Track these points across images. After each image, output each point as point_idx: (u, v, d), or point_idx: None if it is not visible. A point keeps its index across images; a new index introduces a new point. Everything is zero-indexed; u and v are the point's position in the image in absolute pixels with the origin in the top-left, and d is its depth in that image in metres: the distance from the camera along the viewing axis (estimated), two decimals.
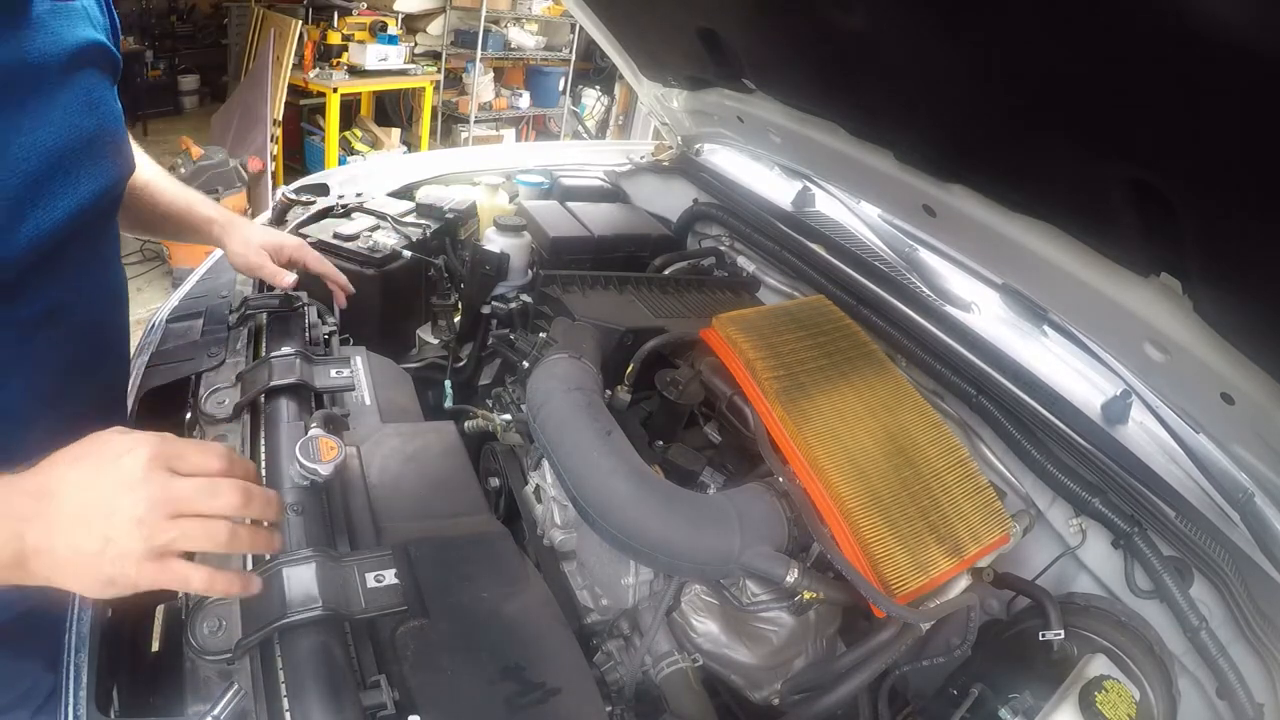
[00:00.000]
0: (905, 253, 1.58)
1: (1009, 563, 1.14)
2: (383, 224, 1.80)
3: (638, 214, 1.98)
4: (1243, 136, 0.61)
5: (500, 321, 1.50)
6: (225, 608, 0.78)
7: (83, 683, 0.76)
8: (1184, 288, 0.85)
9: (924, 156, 1.12)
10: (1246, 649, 0.98)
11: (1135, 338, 0.97)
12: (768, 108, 1.47)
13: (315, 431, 0.95)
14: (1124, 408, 1.18)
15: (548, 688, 0.82)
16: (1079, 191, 0.89)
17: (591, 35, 1.79)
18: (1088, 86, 0.73)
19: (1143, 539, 1.05)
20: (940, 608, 0.94)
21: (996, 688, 0.97)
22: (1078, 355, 1.29)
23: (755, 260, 1.77)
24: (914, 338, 1.36)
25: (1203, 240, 0.76)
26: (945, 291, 1.47)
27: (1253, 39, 0.53)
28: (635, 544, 0.91)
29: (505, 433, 1.32)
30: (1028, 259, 1.06)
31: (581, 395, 1.03)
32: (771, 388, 1.05)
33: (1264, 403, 0.84)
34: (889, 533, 0.93)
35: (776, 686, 1.01)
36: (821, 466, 0.97)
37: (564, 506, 1.14)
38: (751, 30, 1.26)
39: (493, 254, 1.62)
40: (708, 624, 1.02)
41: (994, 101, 0.89)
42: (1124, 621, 1.03)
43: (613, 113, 5.74)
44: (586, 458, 0.95)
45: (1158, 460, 1.11)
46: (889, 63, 0.98)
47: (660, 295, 1.43)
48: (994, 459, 1.24)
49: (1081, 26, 0.67)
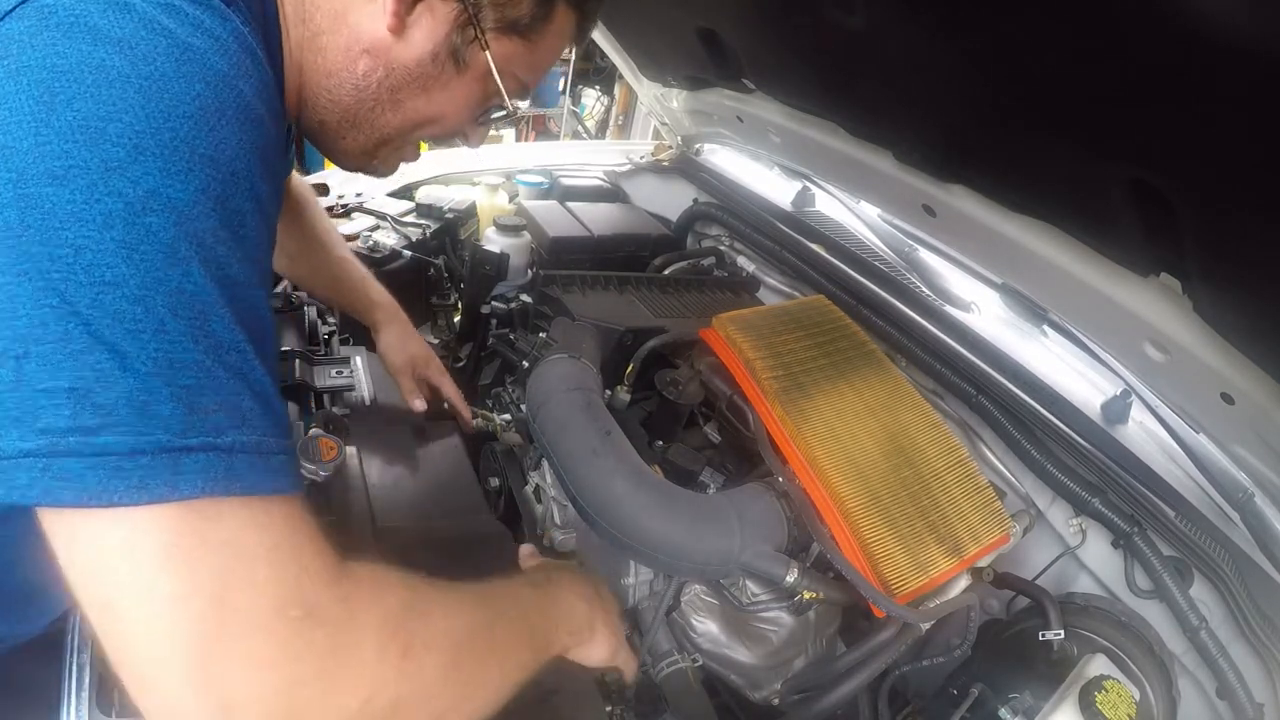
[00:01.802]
0: (905, 253, 1.58)
1: (1009, 563, 1.14)
2: (383, 224, 1.80)
3: (638, 214, 1.98)
4: (1243, 137, 0.61)
5: (500, 321, 1.50)
6: None
7: (84, 683, 0.76)
8: (1184, 288, 0.85)
9: (924, 156, 1.12)
10: (1246, 649, 0.98)
11: (1135, 338, 0.97)
12: (767, 108, 1.47)
13: (315, 432, 0.96)
14: (1124, 408, 1.17)
15: (547, 687, 0.82)
16: (1079, 191, 0.89)
17: (591, 35, 1.79)
18: (1088, 86, 0.73)
19: (1143, 539, 1.05)
20: (940, 608, 0.94)
21: (996, 688, 0.97)
22: (1078, 355, 1.28)
23: (755, 260, 1.77)
24: (914, 338, 1.36)
25: (1203, 240, 0.76)
26: (945, 291, 1.47)
27: (1253, 39, 0.53)
28: (635, 544, 0.91)
29: (505, 433, 1.32)
30: (1028, 259, 1.06)
31: (581, 395, 1.03)
32: (771, 388, 1.05)
33: (1264, 403, 0.84)
34: (889, 533, 0.93)
35: (776, 686, 1.01)
36: (821, 466, 0.97)
37: (564, 506, 1.14)
38: (751, 30, 1.26)
39: (493, 254, 1.62)
40: (708, 624, 1.02)
41: (994, 101, 0.89)
42: (1124, 621, 1.03)
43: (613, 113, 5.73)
44: (586, 458, 0.95)
45: (1158, 460, 1.11)
46: (889, 63, 0.98)
47: (660, 295, 1.43)
48: (994, 459, 1.24)
49: (1082, 27, 0.67)
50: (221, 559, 0.43)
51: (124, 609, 0.42)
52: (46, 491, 0.40)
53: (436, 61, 0.66)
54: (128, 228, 0.42)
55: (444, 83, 0.68)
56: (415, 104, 0.69)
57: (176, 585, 0.41)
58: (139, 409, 0.41)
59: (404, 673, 0.49)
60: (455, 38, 0.65)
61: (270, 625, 0.44)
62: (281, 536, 0.46)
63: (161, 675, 0.42)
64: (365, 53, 0.64)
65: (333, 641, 0.46)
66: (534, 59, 0.71)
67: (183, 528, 0.42)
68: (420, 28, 0.64)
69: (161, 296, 0.42)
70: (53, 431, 0.40)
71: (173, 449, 0.42)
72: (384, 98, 0.67)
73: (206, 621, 0.42)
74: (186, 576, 0.42)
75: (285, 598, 0.45)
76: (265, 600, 0.44)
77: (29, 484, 0.40)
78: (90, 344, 0.41)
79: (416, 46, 0.64)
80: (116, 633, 0.42)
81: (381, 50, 0.64)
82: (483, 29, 0.65)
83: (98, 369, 0.41)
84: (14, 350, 0.40)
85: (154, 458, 0.41)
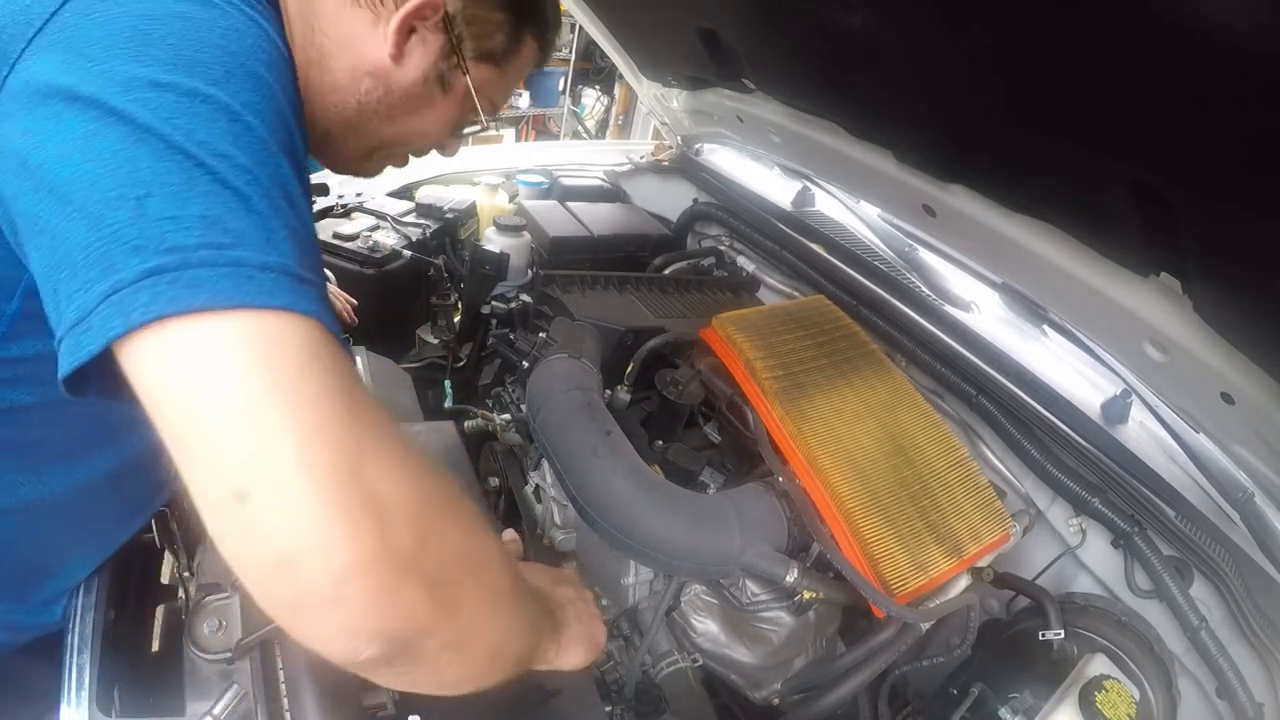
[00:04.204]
0: (905, 252, 1.58)
1: (1009, 562, 1.14)
2: (382, 224, 1.80)
3: (637, 214, 1.98)
4: (1243, 137, 0.61)
5: (500, 321, 1.50)
6: (225, 608, 0.78)
7: (84, 683, 0.76)
8: (1184, 288, 0.85)
9: (924, 156, 1.12)
10: (1246, 649, 0.98)
11: (1135, 338, 0.97)
12: (768, 108, 1.47)
13: None
14: (1124, 407, 1.17)
15: (548, 688, 0.82)
16: (1079, 191, 0.89)
17: (591, 35, 1.79)
18: (1088, 87, 0.73)
19: (1143, 539, 1.05)
20: (940, 607, 0.94)
21: (996, 688, 0.97)
22: (1078, 355, 1.28)
23: (755, 260, 1.77)
24: (914, 338, 1.36)
25: (1203, 240, 0.76)
26: (945, 291, 1.47)
27: (1254, 41, 0.53)
28: (635, 544, 0.91)
29: (505, 433, 1.32)
30: (1028, 259, 1.06)
31: (581, 395, 1.03)
32: (771, 388, 1.05)
33: (1264, 403, 0.84)
34: (889, 532, 0.93)
35: (776, 686, 1.01)
36: (821, 466, 0.97)
37: (564, 506, 1.14)
38: (751, 30, 1.26)
39: (492, 254, 1.62)
40: (708, 624, 1.02)
41: (994, 101, 0.89)
42: (1124, 621, 1.03)
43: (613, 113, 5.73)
44: (586, 457, 0.95)
45: (1158, 460, 1.11)
46: (889, 63, 0.98)
47: (660, 295, 1.43)
48: (994, 459, 1.24)
49: (1082, 27, 0.67)
50: (346, 369, 0.47)
51: (262, 408, 0.42)
52: (174, 300, 0.42)
53: (426, 84, 0.76)
54: (230, 122, 0.48)
55: (431, 102, 0.79)
56: (407, 119, 0.79)
57: (319, 385, 0.44)
58: (266, 235, 0.46)
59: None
60: (441, 64, 0.76)
61: (395, 434, 0.48)
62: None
63: (297, 476, 0.42)
64: (369, 74, 0.73)
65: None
66: (504, 82, 0.84)
67: (314, 336, 0.46)
68: (414, 55, 0.74)
69: (264, 172, 0.49)
70: (183, 249, 0.43)
71: (293, 274, 0.46)
72: (382, 113, 0.76)
73: (349, 422, 0.45)
74: (327, 380, 0.45)
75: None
76: (383, 413, 0.49)
77: (150, 301, 0.42)
78: (216, 187, 0.45)
79: (411, 71, 0.75)
80: (242, 437, 0.42)
81: (383, 73, 0.73)
82: (464, 57, 0.76)
83: (226, 204, 0.45)
84: (134, 193, 0.44)
85: (280, 275, 0.45)
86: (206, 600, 0.78)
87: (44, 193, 0.45)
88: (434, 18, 0.72)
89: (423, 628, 0.46)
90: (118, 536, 0.86)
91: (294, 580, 0.42)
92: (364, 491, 0.44)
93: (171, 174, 0.45)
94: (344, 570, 0.42)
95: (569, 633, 0.73)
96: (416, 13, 0.71)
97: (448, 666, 0.51)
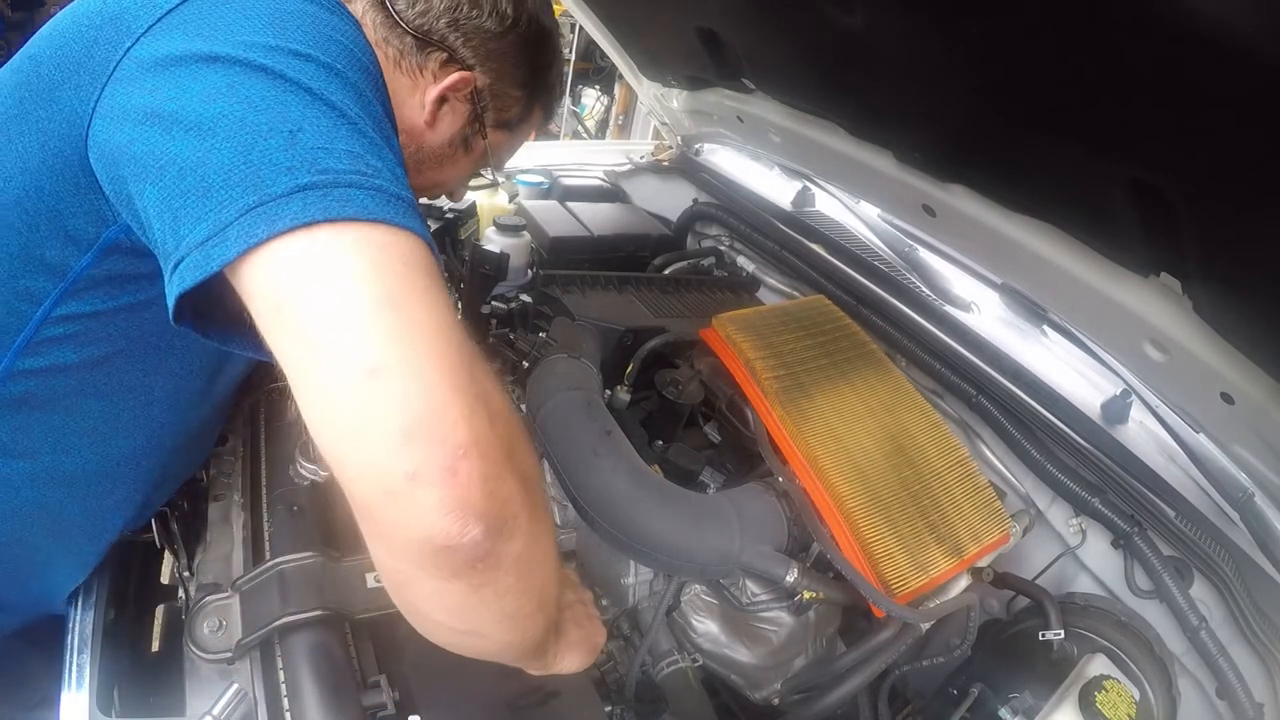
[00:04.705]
0: (905, 253, 1.58)
1: (1009, 563, 1.14)
2: None
3: (637, 214, 1.98)
4: (1243, 137, 0.61)
5: (500, 321, 1.50)
6: (225, 608, 0.78)
7: (84, 683, 0.76)
8: (1184, 288, 0.85)
9: (924, 156, 1.12)
10: (1246, 649, 0.98)
11: (1135, 338, 0.97)
12: (768, 108, 1.47)
13: None
14: (1124, 408, 1.17)
15: (547, 688, 0.82)
16: (1079, 191, 0.89)
17: (591, 35, 1.79)
18: (1088, 87, 0.73)
19: (1143, 539, 1.05)
20: (940, 607, 0.94)
21: (996, 688, 0.97)
22: (1078, 355, 1.28)
23: (755, 260, 1.77)
24: (914, 338, 1.36)
25: (1203, 240, 0.76)
26: (945, 291, 1.47)
27: (1254, 42, 0.53)
28: (635, 544, 0.91)
29: None
30: (1028, 259, 1.06)
31: (581, 395, 1.03)
32: (771, 387, 1.05)
33: (1264, 403, 0.84)
34: (889, 532, 0.93)
35: (776, 686, 1.01)
36: (821, 466, 0.97)
37: (564, 506, 1.14)
38: (751, 30, 1.26)
39: (493, 254, 1.61)
40: (708, 624, 1.02)
41: (994, 101, 0.89)
42: (1124, 621, 1.03)
43: (613, 113, 5.72)
44: (586, 457, 0.95)
45: (1158, 460, 1.11)
46: (889, 63, 0.98)
47: (660, 295, 1.43)
48: (994, 459, 1.24)
49: (1082, 27, 0.67)
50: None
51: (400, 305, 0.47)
52: (325, 210, 0.47)
53: (452, 145, 0.90)
54: (358, 97, 0.55)
55: (454, 160, 0.93)
56: (431, 173, 0.93)
57: (443, 299, 0.50)
58: (395, 176, 0.52)
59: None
60: (465, 130, 0.90)
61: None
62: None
63: (430, 360, 0.46)
64: (405, 132, 0.83)
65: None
66: (513, 144, 1.00)
67: (435, 262, 0.51)
68: (445, 121, 0.87)
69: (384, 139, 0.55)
70: (335, 171, 0.48)
71: (419, 211, 0.53)
72: (411, 167, 0.85)
73: (463, 334, 0.50)
74: (446, 298, 0.51)
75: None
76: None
77: (301, 209, 0.46)
78: (355, 132, 0.52)
79: (441, 134, 0.88)
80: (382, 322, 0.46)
81: (417, 134, 0.86)
82: (484, 125, 0.91)
83: (366, 144, 0.52)
84: (286, 128, 0.49)
85: (411, 207, 0.51)
86: (206, 600, 0.78)
87: (179, 130, 0.50)
88: (465, 90, 0.85)
89: (516, 516, 0.50)
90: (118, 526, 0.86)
91: (415, 450, 0.45)
92: (479, 387, 0.49)
93: (320, 117, 0.51)
94: (463, 445, 0.46)
95: (567, 638, 0.73)
96: (452, 87, 0.84)
97: (510, 589, 0.53)
